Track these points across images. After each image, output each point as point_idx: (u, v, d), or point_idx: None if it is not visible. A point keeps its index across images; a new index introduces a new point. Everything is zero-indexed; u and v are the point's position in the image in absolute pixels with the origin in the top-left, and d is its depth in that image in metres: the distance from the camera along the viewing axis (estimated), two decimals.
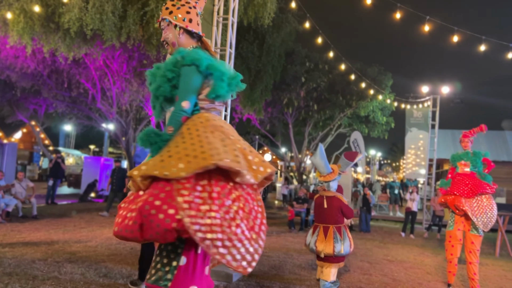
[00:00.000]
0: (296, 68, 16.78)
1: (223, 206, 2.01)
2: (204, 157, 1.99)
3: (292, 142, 20.77)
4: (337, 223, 5.42)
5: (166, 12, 2.49)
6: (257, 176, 2.14)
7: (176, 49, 2.46)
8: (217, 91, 2.29)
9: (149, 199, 1.98)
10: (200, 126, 2.19)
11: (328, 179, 5.58)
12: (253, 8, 10.86)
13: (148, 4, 10.14)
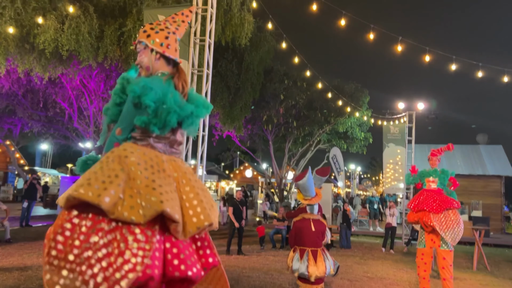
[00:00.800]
0: (275, 86, 16.95)
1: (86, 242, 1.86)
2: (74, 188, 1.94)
3: (273, 158, 20.84)
4: (321, 246, 5.49)
5: (143, 35, 2.40)
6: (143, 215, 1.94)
7: (149, 72, 2.37)
8: (137, 121, 2.14)
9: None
10: (105, 157, 2.11)
11: (312, 202, 5.62)
12: (231, 28, 10.99)
13: (126, 25, 10.15)
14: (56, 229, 1.93)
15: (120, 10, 10.80)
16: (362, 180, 48.37)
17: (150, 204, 1.93)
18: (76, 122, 16.11)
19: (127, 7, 10.56)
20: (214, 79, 12.95)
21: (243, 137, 19.71)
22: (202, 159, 6.96)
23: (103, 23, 10.42)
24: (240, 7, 11.12)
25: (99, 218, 1.94)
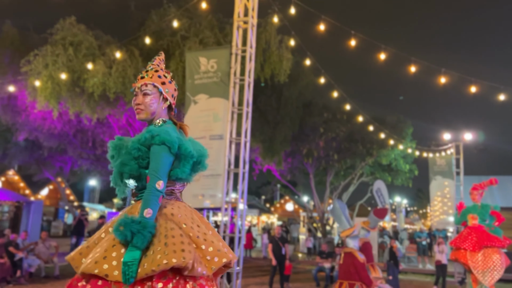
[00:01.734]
0: (314, 119, 16.91)
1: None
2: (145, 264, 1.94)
3: (314, 192, 20.51)
4: (353, 279, 5.29)
5: (158, 80, 2.37)
6: (210, 267, 2.06)
7: (151, 117, 2.37)
8: (177, 173, 2.21)
9: None
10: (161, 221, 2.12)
11: (343, 234, 5.50)
12: (270, 66, 11.20)
13: (169, 66, 10.58)
14: None
15: (164, 52, 11.29)
16: (408, 213, 46.53)
17: (216, 256, 2.09)
18: None
19: (170, 50, 11.06)
20: (254, 114, 13.08)
21: (283, 170, 19.63)
22: (243, 196, 6.96)
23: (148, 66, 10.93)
24: (279, 45, 11.36)
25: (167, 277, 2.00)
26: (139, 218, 2.02)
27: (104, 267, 1.96)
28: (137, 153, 2.18)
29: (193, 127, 7.01)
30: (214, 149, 6.85)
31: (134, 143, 2.20)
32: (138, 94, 2.36)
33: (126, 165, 2.20)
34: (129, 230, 1.98)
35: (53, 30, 10.62)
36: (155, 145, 2.15)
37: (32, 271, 10.05)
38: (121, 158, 2.23)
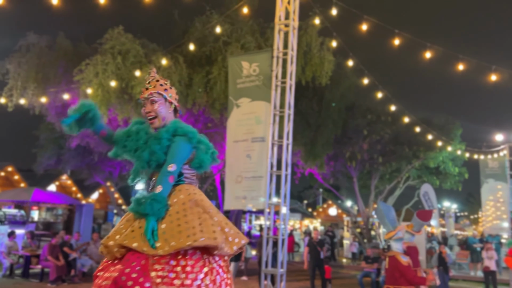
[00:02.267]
0: (357, 121, 16.62)
1: (196, 280, 2.16)
2: (180, 237, 2.16)
3: (358, 196, 20.12)
4: (399, 284, 5.14)
5: (161, 88, 2.64)
6: (232, 247, 2.33)
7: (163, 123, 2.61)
8: (203, 162, 2.55)
9: (126, 271, 2.10)
10: (181, 203, 2.36)
11: (387, 237, 5.38)
12: (311, 68, 11.16)
13: (212, 72, 10.81)
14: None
15: (207, 58, 11.56)
16: (458, 218, 44.55)
17: (237, 237, 2.38)
18: None
19: (212, 56, 11.29)
20: (295, 118, 13.05)
21: (325, 174, 19.40)
22: (286, 198, 6.97)
23: (192, 72, 11.21)
24: (320, 47, 11.30)
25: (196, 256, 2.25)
26: (152, 194, 2.30)
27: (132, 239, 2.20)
28: (167, 142, 2.46)
29: (235, 130, 7.13)
30: (256, 152, 6.92)
31: (163, 134, 2.47)
32: (147, 104, 2.63)
33: (156, 154, 2.45)
34: (140, 202, 2.26)
35: (103, 40, 11.15)
36: (178, 136, 2.48)
37: (85, 270, 10.53)
38: (150, 147, 2.47)
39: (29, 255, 10.64)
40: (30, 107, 12.42)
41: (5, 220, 18.77)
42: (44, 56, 12.20)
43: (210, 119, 14.06)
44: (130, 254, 2.18)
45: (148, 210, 2.22)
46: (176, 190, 2.44)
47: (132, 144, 2.57)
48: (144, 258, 2.15)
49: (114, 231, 2.35)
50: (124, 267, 2.12)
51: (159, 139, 2.46)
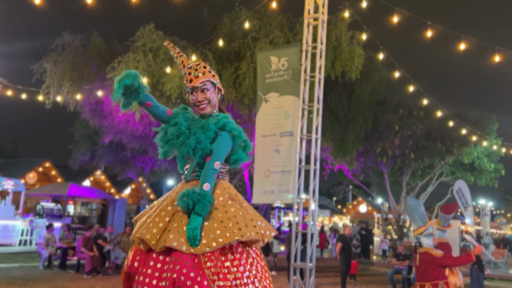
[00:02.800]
0: (388, 116, 16.33)
1: (245, 272, 2.27)
2: (226, 233, 2.22)
3: (389, 192, 19.79)
4: (435, 279, 5.04)
5: (210, 75, 2.61)
6: (264, 240, 2.41)
7: (215, 110, 2.65)
8: (239, 159, 2.60)
9: (184, 271, 2.13)
10: (218, 198, 2.39)
11: (416, 232, 5.29)
12: (340, 63, 11.03)
13: (240, 68, 10.86)
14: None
15: (235, 54, 11.63)
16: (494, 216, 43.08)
17: (268, 230, 2.46)
18: None
19: (241, 52, 11.34)
20: (324, 113, 12.98)
21: (355, 170, 19.18)
22: (315, 193, 6.94)
23: (221, 68, 11.30)
24: (350, 41, 11.16)
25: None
26: (199, 190, 2.29)
27: (170, 237, 2.19)
28: (213, 134, 2.45)
29: (264, 124, 7.15)
30: (285, 146, 6.92)
31: (212, 126, 2.46)
32: (197, 92, 2.58)
33: (202, 143, 2.44)
34: (191, 200, 2.24)
35: (134, 37, 11.41)
36: (224, 131, 2.48)
37: (118, 262, 10.83)
38: (196, 135, 2.45)
39: (65, 247, 11.04)
40: (66, 104, 12.87)
41: (43, 213, 19.54)
42: (79, 54, 12.60)
43: (239, 115, 14.15)
44: (180, 253, 2.19)
45: (200, 210, 2.23)
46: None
47: (174, 130, 2.52)
48: (196, 256, 2.19)
49: (151, 223, 2.32)
50: (180, 267, 2.14)
51: (206, 129, 2.45)
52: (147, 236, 2.24)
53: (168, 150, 2.54)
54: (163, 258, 2.23)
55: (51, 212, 19.79)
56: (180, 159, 2.53)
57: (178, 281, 2.11)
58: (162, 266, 2.21)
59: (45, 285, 8.44)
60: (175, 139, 2.50)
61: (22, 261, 11.72)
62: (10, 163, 30.06)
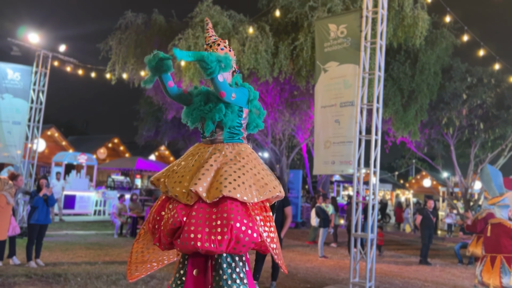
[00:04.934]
0: (455, 85, 15.42)
1: (272, 221, 2.61)
2: (269, 189, 2.56)
3: (455, 165, 18.86)
4: (509, 252, 4.82)
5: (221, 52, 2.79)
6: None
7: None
8: (258, 125, 2.96)
9: (238, 218, 2.37)
10: (252, 158, 2.70)
11: (491, 202, 5.05)
12: (403, 29, 10.53)
13: (298, 39, 10.71)
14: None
15: (293, 25, 11.47)
16: None
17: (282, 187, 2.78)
18: (256, 133, 17.62)
19: (298, 22, 11.16)
20: (386, 83, 12.56)
21: (419, 142, 18.43)
22: (376, 165, 6.80)
23: (278, 40, 11.22)
24: (413, 5, 10.58)
25: None
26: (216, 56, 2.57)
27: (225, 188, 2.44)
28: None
29: (323, 95, 7.06)
30: (345, 116, 6.80)
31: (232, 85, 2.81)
32: None
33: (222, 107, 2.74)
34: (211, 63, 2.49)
35: (193, 13, 11.60)
36: (242, 86, 2.84)
37: None
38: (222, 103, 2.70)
39: (135, 216, 11.80)
40: (131, 81, 13.49)
41: (114, 186, 20.90)
42: (141, 32, 13.08)
43: (296, 87, 14.05)
44: (229, 203, 2.39)
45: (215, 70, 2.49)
46: (239, 149, 2.71)
47: (198, 99, 2.80)
48: (244, 207, 2.44)
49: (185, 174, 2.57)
50: (235, 215, 2.37)
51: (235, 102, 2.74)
52: (199, 188, 2.41)
53: (196, 117, 2.78)
54: (210, 210, 2.42)
55: (121, 185, 21.10)
56: (209, 124, 2.70)
57: (234, 227, 2.33)
58: (211, 216, 2.40)
59: (119, 250, 9.11)
60: (202, 105, 2.74)
61: (97, 229, 12.72)
62: (82, 139, 32.26)
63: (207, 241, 2.32)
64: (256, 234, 2.40)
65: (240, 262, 2.56)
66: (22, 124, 10.79)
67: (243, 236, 2.34)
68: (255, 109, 2.88)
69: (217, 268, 2.53)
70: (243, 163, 2.58)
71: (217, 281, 2.49)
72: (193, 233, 2.34)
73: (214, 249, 2.32)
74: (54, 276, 6.22)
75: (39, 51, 10.84)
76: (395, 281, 7.68)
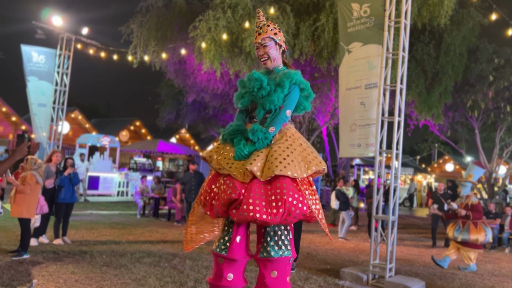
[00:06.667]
0: (481, 66, 14.98)
1: (316, 194, 2.88)
2: (316, 163, 2.79)
3: (480, 149, 18.46)
4: None
5: (271, 33, 3.02)
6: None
7: (274, 63, 3.07)
8: (305, 108, 3.08)
9: (290, 193, 2.62)
10: (297, 137, 2.91)
11: None
12: (428, 8, 10.24)
13: (319, 19, 10.55)
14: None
15: (314, 6, 11.29)
16: None
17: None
18: None
19: (320, 2, 10.97)
20: (409, 65, 12.29)
21: (442, 126, 18.08)
22: (398, 147, 6.72)
23: (299, 21, 11.07)
24: None
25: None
26: (266, 130, 2.80)
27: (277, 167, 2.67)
28: (287, 91, 2.92)
29: (347, 77, 6.95)
30: (370, 98, 6.68)
31: (286, 84, 2.90)
32: (260, 48, 3.04)
33: (280, 101, 2.90)
34: (256, 135, 2.77)
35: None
36: (295, 85, 2.93)
37: None
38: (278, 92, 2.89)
39: (157, 197, 12.02)
40: (152, 63, 13.57)
41: (136, 167, 21.27)
42: (162, 15, 13.09)
43: (317, 69, 13.90)
44: (282, 180, 2.65)
45: (259, 146, 2.78)
46: (285, 128, 2.92)
47: (252, 84, 2.94)
48: (295, 182, 2.70)
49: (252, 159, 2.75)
50: (287, 190, 2.63)
51: (283, 87, 2.88)
52: (254, 168, 2.67)
53: (248, 100, 2.98)
54: (264, 186, 2.68)
55: (143, 167, 21.45)
56: (260, 110, 2.91)
57: (287, 201, 2.60)
58: (266, 192, 2.67)
59: (142, 229, 9.33)
60: (256, 91, 2.91)
61: (120, 209, 13.02)
62: (105, 122, 32.81)
63: (264, 213, 2.60)
64: (306, 207, 2.68)
65: (285, 231, 2.85)
66: (48, 106, 11.03)
67: (294, 209, 2.62)
68: (306, 93, 3.03)
69: (265, 236, 2.82)
70: (290, 141, 2.82)
71: (265, 247, 2.80)
72: (252, 205, 2.61)
73: (270, 221, 2.61)
74: (80, 253, 6.43)
75: (62, 34, 10.99)
76: (415, 264, 7.66)
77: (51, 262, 5.81)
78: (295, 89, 2.91)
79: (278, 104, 2.88)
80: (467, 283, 6.44)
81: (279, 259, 2.75)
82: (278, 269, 2.75)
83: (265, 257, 2.76)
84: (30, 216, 6.23)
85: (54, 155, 7.38)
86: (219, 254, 2.84)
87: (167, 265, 6.03)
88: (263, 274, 2.77)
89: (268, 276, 2.75)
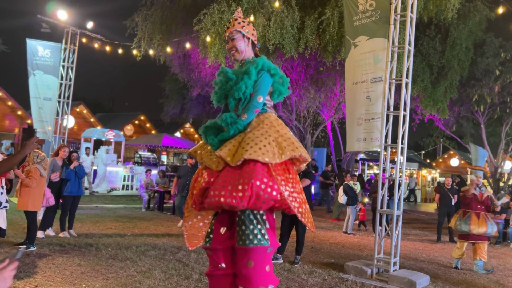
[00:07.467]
0: (488, 61, 14.87)
1: (295, 182, 2.77)
2: (292, 149, 2.70)
3: (485, 144, 18.37)
4: None
5: (239, 26, 3.02)
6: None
7: (242, 55, 3.03)
8: (281, 93, 2.98)
9: (258, 177, 2.56)
10: (276, 124, 2.85)
11: None
12: (435, 2, 10.15)
13: (324, 13, 10.49)
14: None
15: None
16: None
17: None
18: (280, 110, 17.54)
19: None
20: (414, 59, 12.22)
21: (447, 120, 18.00)
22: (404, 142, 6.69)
23: (304, 15, 11.02)
24: None
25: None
26: (234, 115, 2.80)
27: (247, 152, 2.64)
28: (255, 77, 2.87)
29: (354, 71, 6.92)
30: (376, 92, 6.65)
31: (252, 70, 2.86)
32: (229, 41, 3.04)
33: (247, 88, 2.87)
34: (225, 121, 2.78)
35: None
36: (263, 71, 2.88)
37: None
38: (244, 80, 2.85)
39: (162, 191, 12.07)
40: (157, 57, 13.56)
41: (141, 161, 21.34)
42: (166, 9, 13.07)
43: (322, 63, 13.84)
44: (252, 165, 2.60)
45: (228, 131, 2.77)
46: (263, 116, 2.88)
47: (222, 77, 2.97)
48: (266, 167, 2.61)
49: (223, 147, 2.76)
50: (255, 174, 2.57)
51: (249, 74, 2.84)
52: (222, 153, 2.68)
53: (220, 95, 2.99)
54: (234, 171, 2.65)
55: (147, 161, 21.52)
56: (231, 101, 2.92)
57: (255, 185, 2.53)
58: (235, 176, 2.63)
59: (147, 223, 9.38)
60: (225, 84, 2.93)
61: (125, 203, 13.08)
62: (110, 116, 32.91)
63: (229, 197, 2.56)
64: (275, 192, 2.59)
65: (261, 220, 2.78)
66: (53, 100, 11.07)
67: (262, 193, 2.55)
68: (279, 78, 2.98)
69: (240, 223, 2.76)
70: (266, 128, 2.78)
71: (240, 235, 2.74)
72: (217, 190, 2.60)
73: (236, 204, 2.54)
74: (86, 246, 6.48)
75: (67, 28, 11.01)
76: (419, 258, 7.66)
77: (58, 255, 5.86)
78: (264, 75, 2.87)
79: (247, 91, 2.85)
80: (472, 277, 6.44)
81: (254, 248, 2.68)
82: (254, 258, 2.69)
83: (240, 246, 2.71)
84: (36, 209, 6.28)
85: (62, 149, 7.43)
86: (204, 247, 2.89)
87: (172, 258, 6.07)
88: (240, 263, 2.74)
89: (244, 266, 2.71)
